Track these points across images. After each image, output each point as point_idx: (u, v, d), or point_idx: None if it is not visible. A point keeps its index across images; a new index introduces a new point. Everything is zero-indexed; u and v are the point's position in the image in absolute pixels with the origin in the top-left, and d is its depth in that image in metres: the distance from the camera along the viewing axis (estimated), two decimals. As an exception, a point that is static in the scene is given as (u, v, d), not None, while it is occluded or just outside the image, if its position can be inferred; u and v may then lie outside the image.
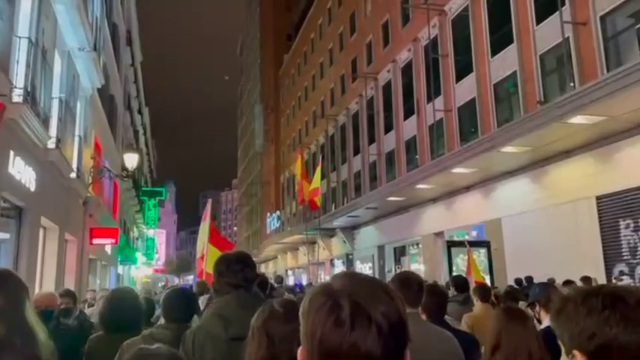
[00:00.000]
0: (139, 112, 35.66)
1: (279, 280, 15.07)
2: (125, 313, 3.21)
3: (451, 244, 14.18)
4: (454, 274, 12.34)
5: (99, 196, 15.88)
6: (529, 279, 11.93)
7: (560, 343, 1.28)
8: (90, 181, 13.90)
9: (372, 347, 0.85)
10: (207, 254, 6.28)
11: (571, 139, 12.77)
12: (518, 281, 12.05)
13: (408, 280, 2.92)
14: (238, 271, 2.62)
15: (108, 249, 19.59)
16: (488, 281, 13.85)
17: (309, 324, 0.90)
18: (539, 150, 13.61)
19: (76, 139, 11.89)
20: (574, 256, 13.06)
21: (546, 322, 3.23)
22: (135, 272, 36.55)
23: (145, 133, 42.38)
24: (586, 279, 9.44)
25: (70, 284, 11.87)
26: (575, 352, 1.21)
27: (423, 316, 3.49)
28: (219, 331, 2.40)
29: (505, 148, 13.55)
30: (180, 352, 2.31)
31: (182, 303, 3.20)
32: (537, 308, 3.63)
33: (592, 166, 12.99)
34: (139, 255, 32.90)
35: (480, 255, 14.72)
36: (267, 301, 2.00)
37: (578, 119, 11.21)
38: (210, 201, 7.51)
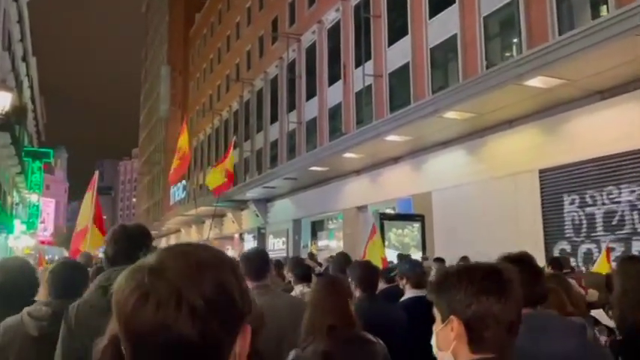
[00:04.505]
0: (24, 59, 30.94)
1: None
2: (20, 285, 2.92)
3: (384, 217, 12.86)
4: (386, 249, 11.19)
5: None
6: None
7: (435, 310, 1.40)
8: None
9: (184, 329, 0.74)
10: (89, 236, 6.12)
11: (518, 107, 11.77)
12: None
13: (250, 255, 3.35)
14: (138, 244, 2.43)
15: (-27, 213, 16.17)
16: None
17: (114, 303, 0.79)
18: (481, 118, 12.53)
19: None
20: (512, 233, 12.18)
21: (408, 293, 3.97)
22: (14, 242, 32.14)
23: (31, 87, 37.23)
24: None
25: None
26: (453, 317, 1.32)
27: (357, 292, 3.54)
28: (104, 304, 1.96)
29: (448, 113, 12.35)
30: (63, 327, 2.23)
31: (69, 277, 2.87)
32: (404, 281, 4.13)
33: (537, 137, 12.11)
34: (17, 222, 28.75)
35: (413, 230, 13.60)
36: None
37: (536, 81, 10.12)
38: (97, 173, 7.26)
